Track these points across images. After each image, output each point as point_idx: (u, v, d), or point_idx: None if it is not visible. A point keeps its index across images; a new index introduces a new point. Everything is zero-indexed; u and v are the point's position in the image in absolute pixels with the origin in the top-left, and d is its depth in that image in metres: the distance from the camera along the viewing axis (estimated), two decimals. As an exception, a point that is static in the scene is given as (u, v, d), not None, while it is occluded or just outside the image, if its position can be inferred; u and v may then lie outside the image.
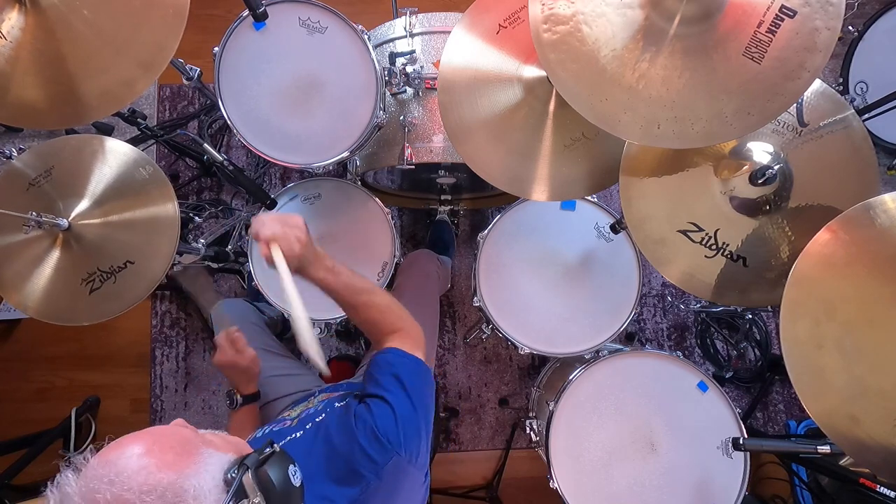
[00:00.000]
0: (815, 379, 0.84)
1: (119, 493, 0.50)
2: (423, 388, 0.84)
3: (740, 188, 0.95)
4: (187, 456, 0.55)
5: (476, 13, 1.06)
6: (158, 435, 0.57)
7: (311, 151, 1.21)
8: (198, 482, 0.53)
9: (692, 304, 1.93)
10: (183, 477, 0.53)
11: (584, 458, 1.25)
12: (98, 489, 0.50)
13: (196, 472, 0.54)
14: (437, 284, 1.50)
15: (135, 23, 1.01)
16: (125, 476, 0.51)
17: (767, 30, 0.77)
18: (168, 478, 0.52)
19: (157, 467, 0.52)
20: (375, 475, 0.72)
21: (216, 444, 0.60)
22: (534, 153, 1.06)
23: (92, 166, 1.13)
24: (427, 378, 0.87)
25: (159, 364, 1.92)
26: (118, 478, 0.51)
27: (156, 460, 0.53)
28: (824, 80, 0.96)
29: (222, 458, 0.58)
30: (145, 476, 0.51)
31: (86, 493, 0.51)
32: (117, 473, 0.51)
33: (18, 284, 1.11)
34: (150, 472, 0.52)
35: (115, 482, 0.51)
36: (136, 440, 0.55)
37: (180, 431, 0.60)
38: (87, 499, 0.50)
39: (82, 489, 0.51)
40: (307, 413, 0.89)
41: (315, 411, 0.88)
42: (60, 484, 0.52)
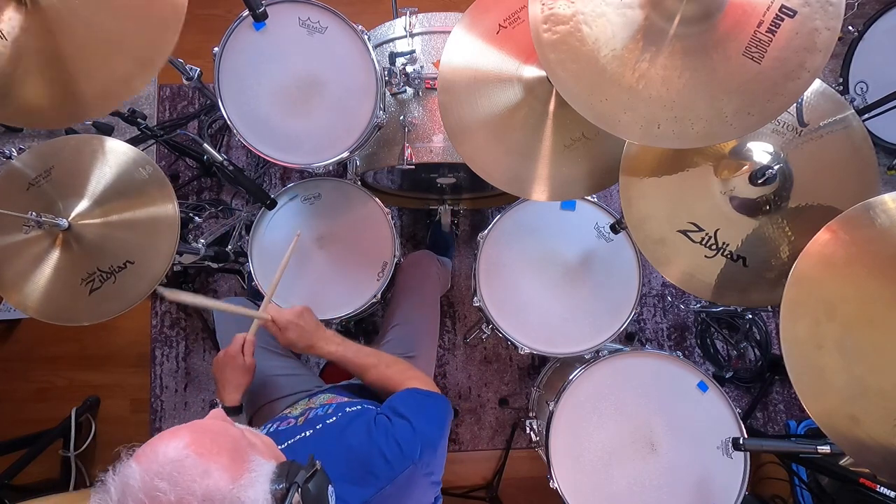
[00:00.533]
0: (815, 379, 0.84)
1: (183, 495, 0.50)
2: (444, 417, 0.91)
3: (740, 188, 0.95)
4: (240, 461, 0.55)
5: (476, 13, 1.06)
6: (213, 433, 0.57)
7: (311, 151, 1.21)
8: (253, 494, 0.54)
9: (692, 304, 1.93)
10: (239, 487, 0.53)
11: (584, 458, 1.25)
12: (161, 488, 0.50)
13: (250, 482, 0.54)
14: (437, 285, 1.50)
15: (133, 20, 1.01)
16: (188, 478, 0.51)
17: (767, 30, 0.77)
18: (226, 487, 0.52)
19: (216, 472, 0.52)
20: (390, 481, 0.73)
21: (259, 448, 0.61)
22: (534, 153, 1.06)
23: (92, 166, 1.13)
24: (449, 411, 0.94)
25: (159, 364, 1.92)
26: (181, 478, 0.51)
27: (215, 464, 0.53)
28: (824, 80, 0.96)
29: (268, 468, 0.58)
30: (206, 481, 0.51)
31: (149, 489, 0.50)
32: (180, 473, 0.51)
33: (18, 284, 1.11)
34: (210, 477, 0.52)
35: (179, 483, 0.50)
36: (194, 436, 0.55)
37: (229, 430, 0.60)
38: (151, 496, 0.50)
39: (146, 485, 0.50)
40: (315, 414, 0.89)
41: (325, 413, 0.88)
42: (124, 474, 0.52)
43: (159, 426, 1.89)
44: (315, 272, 1.37)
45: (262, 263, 1.37)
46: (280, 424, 0.91)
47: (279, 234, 1.38)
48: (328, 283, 1.36)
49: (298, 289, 1.35)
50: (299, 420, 0.90)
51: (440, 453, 0.84)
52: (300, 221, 1.39)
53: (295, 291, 1.34)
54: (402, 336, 1.29)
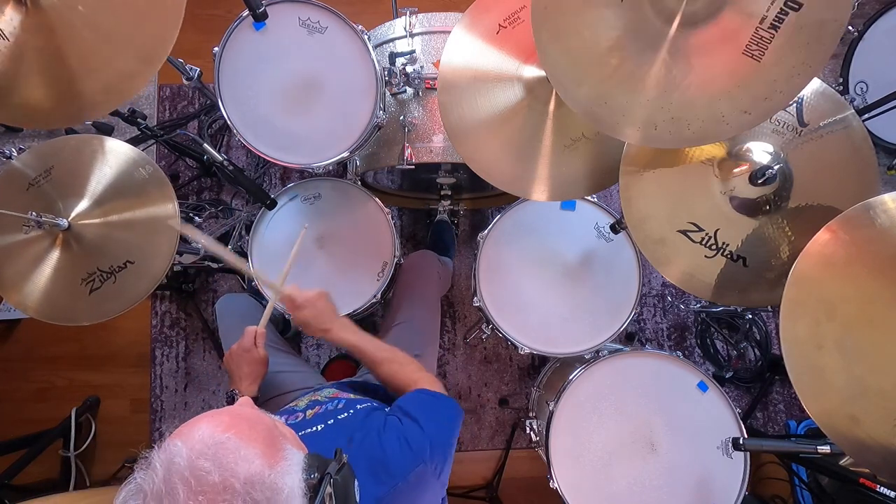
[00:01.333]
0: (815, 379, 0.84)
1: (226, 477, 0.50)
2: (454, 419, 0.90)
3: (740, 188, 0.95)
4: (275, 449, 0.56)
5: (476, 13, 1.06)
6: (251, 420, 0.57)
7: (311, 151, 1.21)
8: (290, 482, 0.54)
9: (692, 304, 1.93)
10: (277, 474, 0.53)
11: (584, 458, 1.25)
12: (206, 468, 0.50)
13: (286, 469, 0.55)
14: (437, 285, 1.50)
15: (134, 16, 1.01)
16: (230, 461, 0.51)
17: (770, 25, 0.76)
18: (266, 473, 0.52)
19: (257, 457, 0.53)
20: (403, 478, 0.74)
21: (288, 437, 0.61)
22: (534, 153, 1.06)
23: (92, 166, 1.13)
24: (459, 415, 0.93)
25: (159, 364, 1.92)
26: (224, 460, 0.51)
27: (257, 451, 0.53)
28: (824, 80, 0.96)
29: (299, 458, 0.58)
30: (248, 465, 0.52)
31: (195, 468, 0.50)
32: (224, 455, 0.51)
33: (18, 284, 1.11)
34: (251, 462, 0.52)
35: (223, 465, 0.51)
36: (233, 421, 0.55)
37: (264, 418, 0.60)
38: (196, 475, 0.50)
39: (192, 464, 0.50)
40: (324, 409, 0.90)
41: (335, 408, 0.89)
42: (169, 451, 0.52)
43: (159, 426, 1.89)
44: (315, 272, 1.37)
45: (263, 263, 1.37)
46: (288, 418, 0.91)
47: (279, 234, 1.38)
48: (328, 284, 1.36)
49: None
50: (307, 413, 0.90)
51: (450, 455, 0.85)
52: (300, 221, 1.39)
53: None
54: (403, 336, 1.29)
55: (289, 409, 0.95)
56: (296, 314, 1.03)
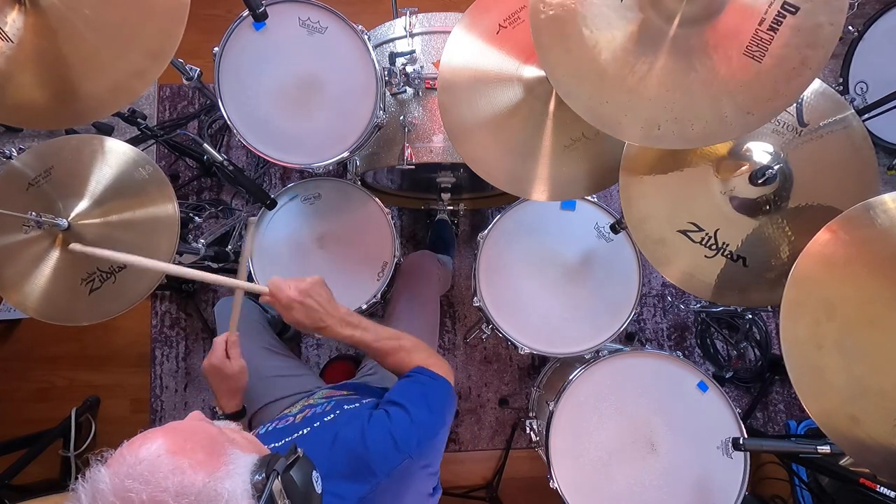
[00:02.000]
0: (815, 379, 0.84)
1: (154, 493, 0.49)
2: (446, 406, 0.88)
3: (740, 188, 0.95)
4: (216, 456, 0.55)
5: (476, 13, 1.06)
6: (187, 432, 0.56)
7: (311, 151, 1.21)
8: (230, 485, 0.53)
9: (692, 304, 1.93)
10: (215, 479, 0.52)
11: (584, 458, 1.25)
12: (132, 488, 0.49)
13: (227, 473, 0.53)
14: (437, 285, 1.50)
15: (139, 14, 1.01)
16: (160, 476, 0.50)
17: (769, 27, 0.77)
18: (202, 480, 0.51)
19: (190, 468, 0.51)
20: (386, 475, 0.73)
21: (239, 443, 0.60)
22: (534, 153, 1.06)
23: (92, 166, 1.13)
24: (451, 399, 0.91)
25: (159, 364, 1.92)
26: (153, 477, 0.50)
27: (188, 460, 0.52)
28: (824, 80, 0.96)
29: (248, 460, 0.57)
30: (180, 477, 0.50)
31: (120, 490, 0.49)
32: (151, 472, 0.50)
33: (18, 284, 1.11)
34: (184, 473, 0.51)
35: (151, 481, 0.49)
36: (166, 437, 0.54)
37: (205, 428, 0.59)
38: (122, 497, 0.49)
39: (116, 487, 0.50)
40: (313, 412, 0.89)
41: (322, 410, 0.88)
42: (92, 480, 0.51)
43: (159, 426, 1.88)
44: (315, 272, 1.34)
45: (262, 263, 1.37)
46: (279, 423, 0.90)
47: (279, 234, 1.38)
48: (328, 283, 1.36)
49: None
50: (297, 418, 0.90)
51: (438, 444, 0.83)
52: (300, 221, 1.39)
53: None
54: (402, 336, 1.29)
55: (282, 416, 0.95)
56: (285, 315, 0.91)
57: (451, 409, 0.90)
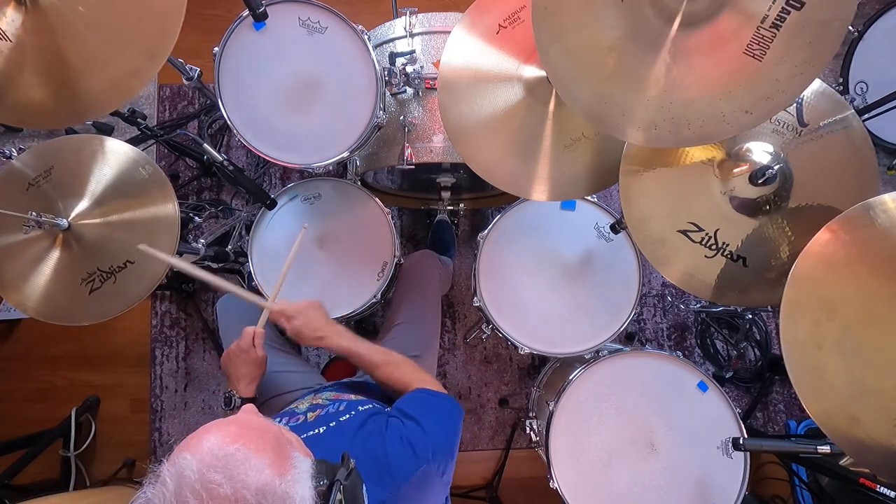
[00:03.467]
0: (815, 379, 0.84)
1: (238, 489, 0.50)
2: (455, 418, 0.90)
3: (740, 188, 0.95)
4: (284, 458, 0.56)
5: (476, 13, 1.06)
6: (259, 430, 0.57)
7: (311, 151, 1.21)
8: (301, 491, 0.54)
9: (692, 304, 1.93)
10: (287, 483, 0.53)
11: (584, 458, 1.25)
12: (217, 481, 0.50)
13: (295, 478, 0.54)
14: (438, 285, 1.49)
15: (135, 12, 1.01)
16: (242, 473, 0.51)
17: (772, 24, 0.75)
18: (277, 483, 0.52)
19: (268, 468, 0.52)
20: (406, 480, 0.74)
21: (294, 444, 0.61)
22: (534, 153, 1.06)
23: (92, 166, 1.13)
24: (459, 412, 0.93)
25: (159, 364, 1.92)
26: (235, 472, 0.51)
27: (265, 460, 0.53)
28: (824, 80, 0.96)
29: (307, 465, 0.58)
30: (259, 476, 0.51)
31: (206, 481, 0.50)
32: (235, 467, 0.51)
33: (18, 284, 1.11)
34: (262, 473, 0.52)
35: (234, 477, 0.50)
36: (241, 431, 0.55)
37: (272, 427, 0.60)
38: (207, 488, 0.50)
39: (203, 476, 0.50)
40: (326, 412, 0.90)
41: (336, 410, 0.89)
42: (179, 465, 0.51)
43: (159, 426, 1.89)
44: (315, 272, 1.37)
45: (262, 263, 1.37)
46: (289, 420, 0.90)
47: (279, 234, 1.38)
48: (328, 284, 1.36)
49: (298, 289, 1.35)
50: (309, 416, 0.90)
51: (453, 454, 0.85)
52: (300, 221, 1.39)
53: (295, 291, 1.34)
54: (403, 336, 1.29)
55: (289, 412, 0.95)
56: (288, 326, 1.03)
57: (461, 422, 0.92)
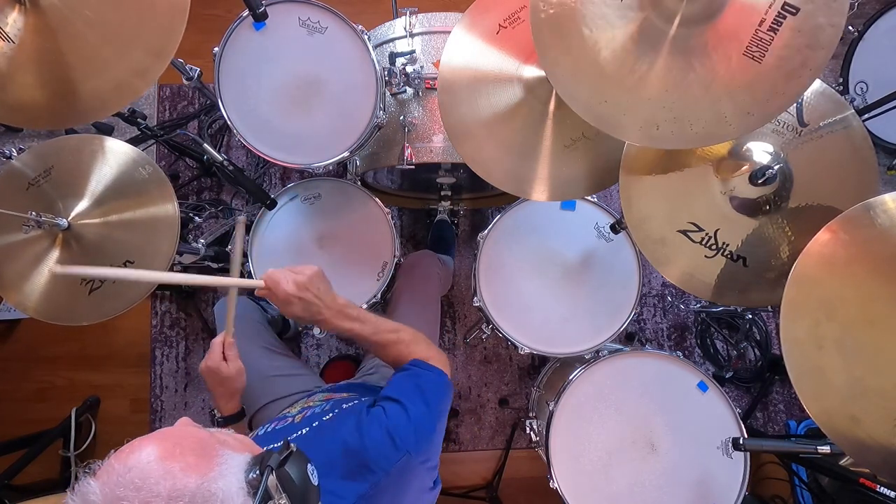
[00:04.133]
0: (815, 379, 0.84)
1: (147, 498, 0.49)
2: (442, 398, 0.87)
3: (740, 188, 0.95)
4: (208, 458, 0.54)
5: (476, 13, 1.06)
6: (176, 437, 0.56)
7: (311, 151, 1.21)
8: (224, 484, 0.52)
9: (692, 304, 1.93)
10: (208, 480, 0.52)
11: (584, 458, 1.25)
12: (124, 496, 0.49)
13: (220, 474, 0.53)
14: (438, 285, 1.50)
15: (139, 12, 1.01)
16: (151, 482, 0.49)
17: (769, 28, 0.77)
18: (194, 482, 0.51)
19: (181, 471, 0.51)
20: (385, 473, 0.73)
21: (230, 444, 0.60)
22: (534, 153, 1.06)
23: (92, 166, 1.13)
24: (447, 390, 0.90)
25: (159, 364, 1.92)
26: (144, 483, 0.49)
27: (179, 464, 0.51)
28: (824, 80, 0.96)
29: (240, 459, 0.57)
30: (172, 481, 0.50)
31: (111, 500, 0.49)
32: (142, 479, 0.50)
33: (18, 284, 1.11)
34: (175, 477, 0.50)
35: (142, 488, 0.49)
36: (155, 443, 0.54)
37: (195, 432, 0.58)
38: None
39: (107, 496, 0.49)
40: (312, 412, 0.89)
41: (321, 410, 0.88)
42: (83, 492, 0.50)
43: (159, 426, 1.87)
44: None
45: (262, 263, 1.37)
46: (277, 424, 0.90)
47: (279, 234, 1.38)
48: (328, 283, 1.36)
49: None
50: (297, 418, 0.90)
51: (436, 438, 0.82)
52: (300, 221, 1.39)
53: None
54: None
55: (281, 416, 0.95)
56: (282, 309, 0.89)
57: (448, 401, 0.89)
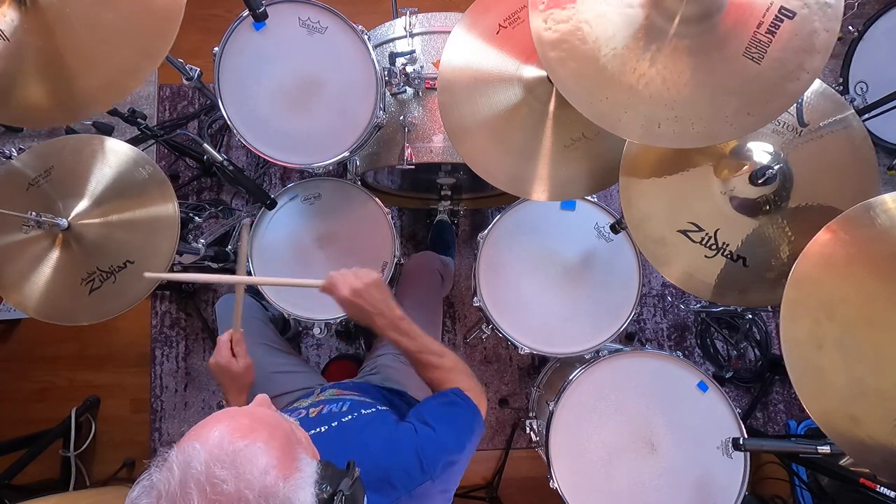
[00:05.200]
0: (815, 379, 0.84)
1: (241, 489, 0.49)
2: (472, 434, 0.86)
3: (740, 188, 0.95)
4: (291, 458, 0.55)
5: (476, 13, 1.06)
6: (270, 426, 0.56)
7: (311, 151, 1.21)
8: (303, 497, 0.53)
9: (692, 304, 1.93)
10: (290, 487, 0.52)
11: (584, 458, 1.25)
12: (222, 477, 0.49)
13: (299, 483, 0.54)
14: (439, 286, 1.50)
15: (133, 12, 1.01)
16: (247, 472, 0.50)
17: (767, 30, 0.77)
18: (280, 486, 0.52)
19: (274, 469, 0.52)
20: (407, 492, 0.73)
21: (304, 445, 0.60)
22: (534, 153, 1.06)
23: (92, 166, 1.13)
24: (479, 429, 0.89)
25: (159, 364, 1.92)
26: (241, 469, 0.50)
27: (273, 460, 0.52)
28: (824, 80, 0.96)
29: (313, 468, 0.57)
30: (263, 478, 0.51)
31: (211, 476, 0.49)
32: (241, 464, 0.50)
33: (18, 284, 1.11)
34: (267, 474, 0.51)
35: (240, 476, 0.50)
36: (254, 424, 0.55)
37: (283, 423, 0.59)
38: (211, 483, 0.49)
39: (209, 469, 0.50)
40: (329, 410, 0.89)
41: (339, 410, 0.88)
42: (187, 454, 0.51)
43: (159, 426, 1.89)
44: (315, 272, 1.36)
45: (262, 263, 1.37)
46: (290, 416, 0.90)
47: (279, 234, 1.38)
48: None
49: (298, 289, 1.35)
50: (311, 412, 0.89)
51: (459, 469, 0.83)
52: (300, 221, 1.39)
53: (295, 291, 1.34)
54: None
55: (293, 408, 0.95)
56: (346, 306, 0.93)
57: (477, 439, 0.89)
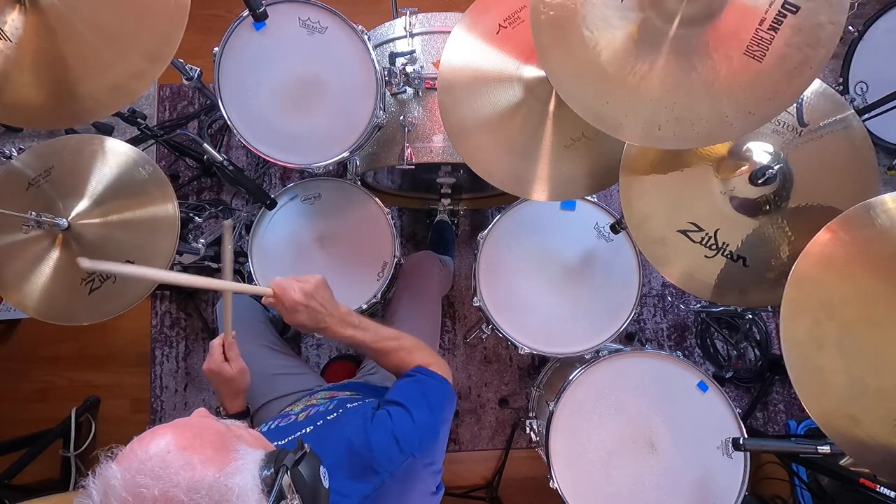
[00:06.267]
0: (815, 379, 0.84)
1: (166, 488, 0.49)
2: (445, 404, 0.88)
3: (740, 188, 0.95)
4: (225, 452, 0.55)
5: (476, 13, 1.06)
6: (195, 428, 0.56)
7: (311, 151, 1.21)
8: (240, 480, 0.53)
9: (692, 304, 1.93)
10: (225, 475, 0.52)
11: (584, 458, 1.25)
12: (144, 484, 0.49)
13: (237, 469, 0.53)
14: (438, 286, 1.50)
15: (138, 16, 1.01)
16: (171, 472, 0.50)
17: (769, 27, 0.76)
18: (212, 475, 0.51)
19: (200, 463, 0.51)
20: (390, 474, 0.73)
21: (246, 439, 0.60)
22: (534, 153, 1.06)
23: (92, 166, 1.13)
24: (451, 397, 0.91)
25: (159, 364, 1.92)
26: (164, 472, 0.50)
27: (198, 456, 0.52)
28: (824, 81, 0.96)
29: (256, 455, 0.57)
30: (191, 473, 0.50)
31: (132, 486, 0.49)
32: (162, 468, 0.50)
33: (18, 284, 1.11)
34: (194, 469, 0.51)
35: (162, 477, 0.49)
36: (175, 432, 0.54)
37: (213, 424, 0.59)
38: (134, 493, 0.49)
39: (128, 483, 0.49)
40: (316, 410, 0.89)
41: (325, 409, 0.88)
42: (104, 476, 0.51)
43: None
44: (315, 272, 1.35)
45: (262, 263, 1.37)
46: (281, 421, 0.90)
47: (279, 234, 1.38)
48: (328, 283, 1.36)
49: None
50: (300, 416, 0.90)
51: (441, 442, 0.83)
52: (300, 221, 1.39)
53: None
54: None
55: (284, 414, 0.95)
56: (286, 317, 0.89)
57: (451, 408, 0.90)
